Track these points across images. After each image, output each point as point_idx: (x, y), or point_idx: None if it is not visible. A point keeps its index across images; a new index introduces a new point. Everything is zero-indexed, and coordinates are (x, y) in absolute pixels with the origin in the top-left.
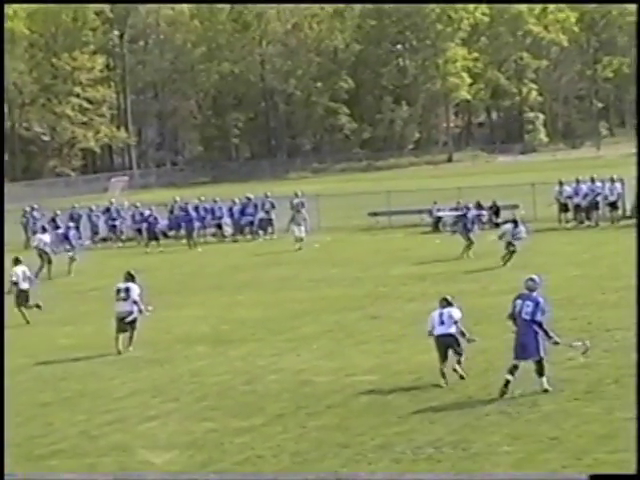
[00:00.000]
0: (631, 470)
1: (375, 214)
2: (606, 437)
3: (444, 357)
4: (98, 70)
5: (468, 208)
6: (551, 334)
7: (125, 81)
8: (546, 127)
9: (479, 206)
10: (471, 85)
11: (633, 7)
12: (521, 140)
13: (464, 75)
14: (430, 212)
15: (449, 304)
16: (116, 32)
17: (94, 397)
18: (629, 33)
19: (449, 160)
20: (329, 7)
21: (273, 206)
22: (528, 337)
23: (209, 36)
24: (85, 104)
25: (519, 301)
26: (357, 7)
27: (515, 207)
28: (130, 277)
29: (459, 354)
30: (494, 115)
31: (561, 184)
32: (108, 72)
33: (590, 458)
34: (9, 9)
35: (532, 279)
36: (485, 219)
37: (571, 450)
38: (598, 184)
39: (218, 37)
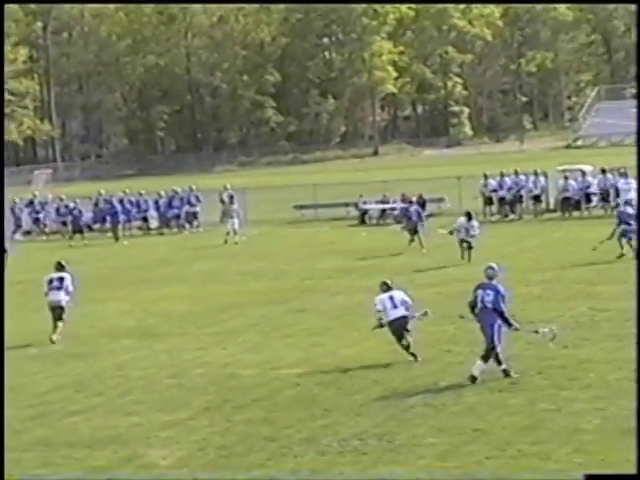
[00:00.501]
0: (546, 460)
1: (301, 207)
2: (529, 428)
3: (400, 338)
4: (21, 62)
5: (411, 202)
6: (511, 322)
7: (49, 73)
8: (471, 121)
9: (404, 199)
10: (397, 79)
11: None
12: (446, 134)
13: (390, 69)
14: (356, 205)
15: (390, 287)
16: (39, 24)
17: (17, 392)
18: (552, 28)
19: (375, 153)
20: None
21: (199, 199)
22: (486, 325)
23: (134, 28)
24: (8, 96)
25: (480, 290)
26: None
27: (441, 200)
28: (61, 267)
29: (408, 336)
30: (420, 109)
31: (486, 177)
32: (31, 64)
33: (514, 449)
34: None
35: (491, 267)
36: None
37: (495, 441)
38: (522, 177)
39: (143, 29)
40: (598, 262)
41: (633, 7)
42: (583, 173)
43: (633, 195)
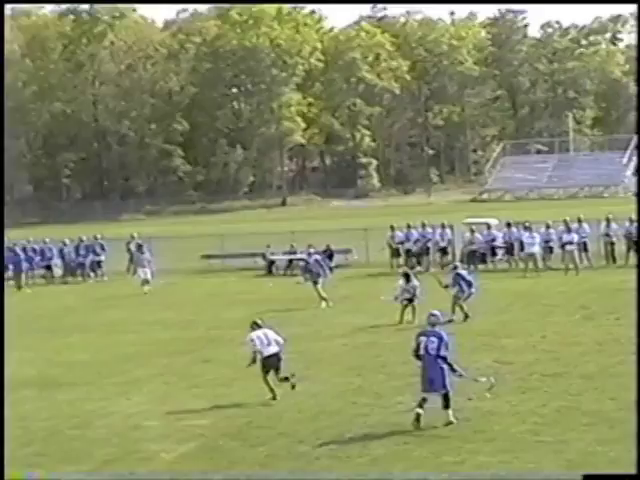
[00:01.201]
0: None
1: (209, 257)
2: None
3: (269, 371)
4: None
5: (309, 253)
6: (455, 367)
7: None
8: (379, 173)
9: (311, 251)
10: (305, 130)
11: (464, 57)
12: (354, 185)
13: (298, 119)
14: (264, 255)
15: (260, 326)
16: None
17: None
18: (459, 82)
19: (283, 204)
20: (163, 49)
21: (103, 248)
22: (435, 371)
23: (40, 75)
24: None
25: (423, 337)
26: (192, 50)
27: (348, 251)
28: None
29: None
30: (328, 160)
31: (393, 229)
32: None
33: None
34: None
35: (434, 315)
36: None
37: None
38: (429, 230)
39: (50, 76)
40: (503, 315)
41: (540, 66)
42: (488, 226)
43: (537, 249)
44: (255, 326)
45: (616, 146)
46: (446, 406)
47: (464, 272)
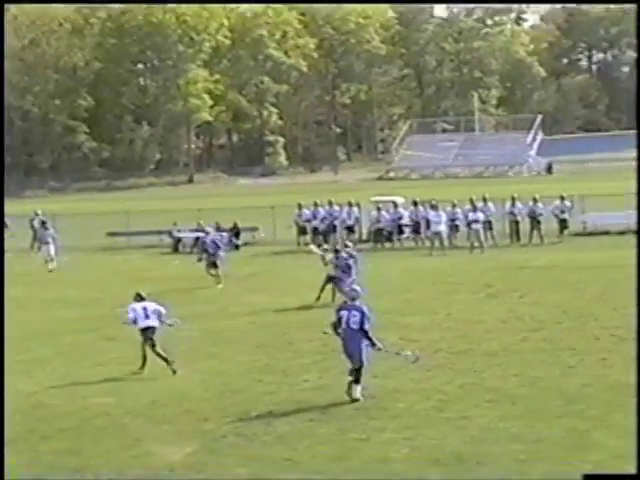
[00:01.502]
0: None
1: (114, 234)
2: (339, 458)
3: (150, 344)
4: None
5: (206, 232)
6: (375, 342)
7: None
8: (286, 150)
9: (219, 228)
10: (212, 107)
11: (371, 35)
12: (261, 163)
13: (205, 97)
14: (170, 233)
15: (143, 298)
16: None
17: None
18: (366, 61)
19: (190, 181)
20: (67, 24)
21: (6, 225)
22: (354, 345)
23: None
24: None
25: (344, 312)
26: (97, 25)
27: (255, 229)
28: None
29: (154, 343)
30: (235, 137)
31: (300, 207)
32: None
33: (324, 478)
34: None
35: (355, 290)
36: (225, 241)
37: (305, 471)
38: (336, 208)
39: None
40: (408, 293)
41: (447, 45)
42: (395, 205)
43: (443, 228)
44: (138, 298)
45: (520, 126)
46: (356, 381)
47: (346, 255)
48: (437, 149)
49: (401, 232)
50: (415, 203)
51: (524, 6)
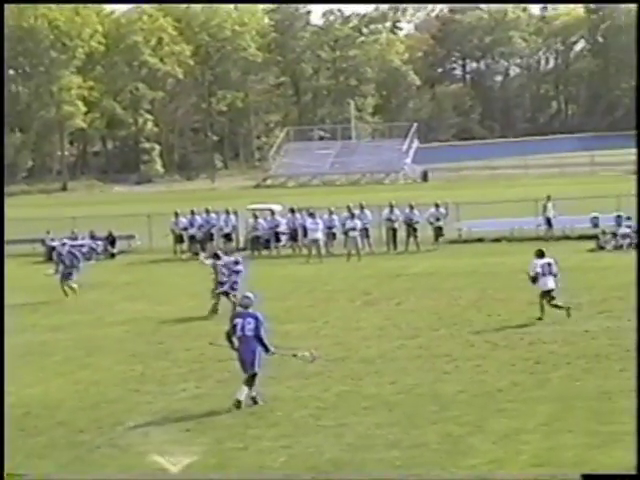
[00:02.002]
0: None
1: None
2: (216, 467)
3: None
4: None
5: (64, 243)
6: (269, 347)
7: None
8: (162, 158)
9: (93, 236)
10: (86, 114)
11: (247, 43)
12: (137, 170)
13: (79, 103)
14: (43, 241)
15: None
16: None
17: None
18: (242, 68)
19: (63, 189)
20: None
21: None
22: (248, 352)
23: None
24: None
25: (239, 319)
26: None
27: (131, 237)
28: None
29: None
30: (110, 144)
31: (176, 215)
32: None
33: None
34: None
35: (247, 297)
36: (100, 249)
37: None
38: (213, 216)
39: None
40: (286, 300)
41: (323, 53)
42: (272, 212)
43: (320, 235)
44: None
45: (396, 134)
46: (249, 386)
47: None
48: (314, 157)
49: (278, 240)
50: (292, 211)
51: (399, 14)
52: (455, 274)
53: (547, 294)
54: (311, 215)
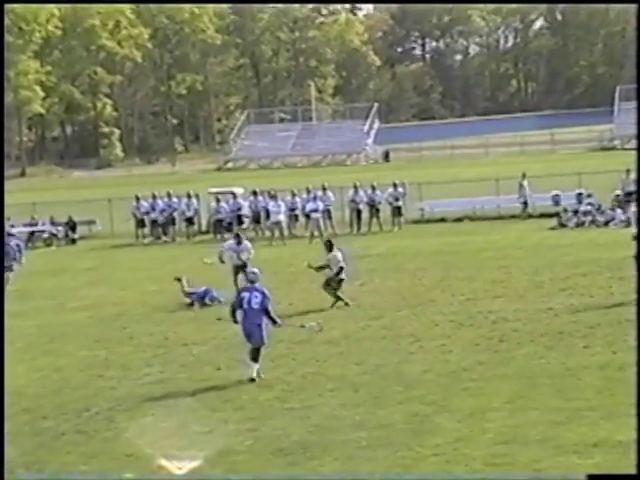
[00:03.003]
0: None
1: None
2: (184, 449)
3: None
4: None
5: (10, 234)
6: (277, 319)
7: None
8: (122, 142)
9: (53, 222)
10: (44, 99)
11: (205, 25)
12: (96, 155)
13: (37, 88)
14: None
15: None
16: None
17: None
18: (201, 51)
19: (22, 175)
20: None
21: None
22: (254, 326)
23: None
24: None
25: (246, 293)
26: None
27: (92, 222)
28: None
29: None
30: (69, 129)
31: (138, 199)
32: None
33: (165, 472)
34: None
35: (254, 272)
36: (61, 235)
37: (146, 466)
38: (174, 200)
39: None
40: None
41: (282, 35)
42: (234, 195)
43: (282, 218)
44: None
45: (357, 114)
46: (255, 360)
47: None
48: (275, 139)
49: (241, 222)
50: (255, 193)
51: None
52: (418, 254)
53: None
54: (273, 197)
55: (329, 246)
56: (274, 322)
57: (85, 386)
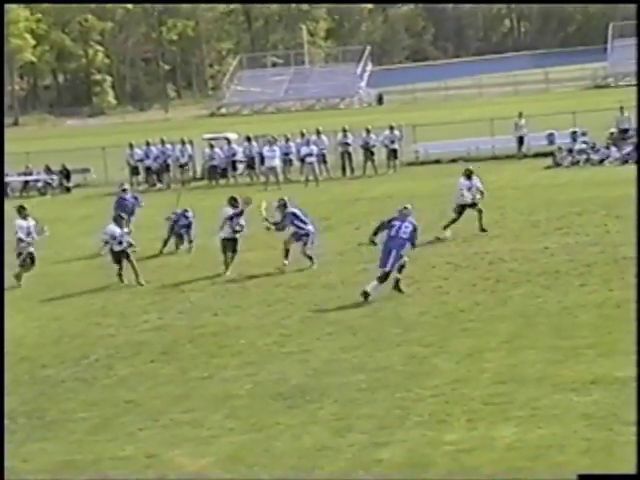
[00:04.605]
0: (199, 427)
1: None
2: (181, 397)
3: None
4: None
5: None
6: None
7: None
8: (114, 89)
9: (49, 170)
10: (35, 47)
11: None
12: (89, 103)
13: (28, 37)
14: None
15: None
16: None
17: None
18: None
19: (15, 124)
20: None
21: None
22: (393, 251)
23: None
24: None
25: (398, 222)
26: None
27: (86, 171)
28: None
29: None
30: (61, 78)
31: (132, 147)
32: None
33: (166, 419)
34: None
35: (406, 207)
36: (55, 184)
37: (147, 412)
38: (168, 146)
39: None
40: (245, 228)
41: None
42: (228, 141)
43: (277, 163)
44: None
45: (349, 58)
46: (381, 281)
47: (297, 210)
48: (268, 84)
49: (235, 168)
50: (249, 139)
51: None
52: (413, 196)
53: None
54: (270, 142)
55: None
56: (413, 246)
57: (83, 334)
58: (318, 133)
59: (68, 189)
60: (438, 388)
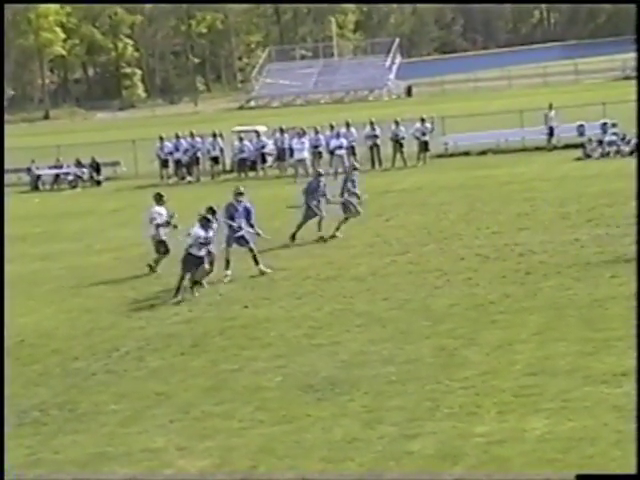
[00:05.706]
0: (230, 419)
1: None
2: (212, 389)
3: None
4: None
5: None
6: None
7: None
8: (144, 83)
9: (79, 164)
10: (65, 40)
11: None
12: (119, 96)
13: (58, 30)
14: (29, 170)
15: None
16: None
17: None
18: None
19: (46, 117)
20: None
21: None
22: None
23: None
24: None
25: None
26: None
27: (116, 164)
28: None
29: None
30: (91, 71)
31: (161, 140)
32: None
33: (197, 411)
34: None
35: None
36: (86, 177)
37: (178, 404)
38: (198, 139)
39: None
40: (274, 221)
41: None
42: (258, 134)
43: (306, 155)
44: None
45: (378, 50)
46: None
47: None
48: (296, 76)
49: (264, 161)
50: (282, 130)
51: None
52: (443, 188)
53: None
54: (298, 135)
55: None
56: None
57: (114, 326)
58: (347, 125)
59: (98, 182)
60: (468, 380)
